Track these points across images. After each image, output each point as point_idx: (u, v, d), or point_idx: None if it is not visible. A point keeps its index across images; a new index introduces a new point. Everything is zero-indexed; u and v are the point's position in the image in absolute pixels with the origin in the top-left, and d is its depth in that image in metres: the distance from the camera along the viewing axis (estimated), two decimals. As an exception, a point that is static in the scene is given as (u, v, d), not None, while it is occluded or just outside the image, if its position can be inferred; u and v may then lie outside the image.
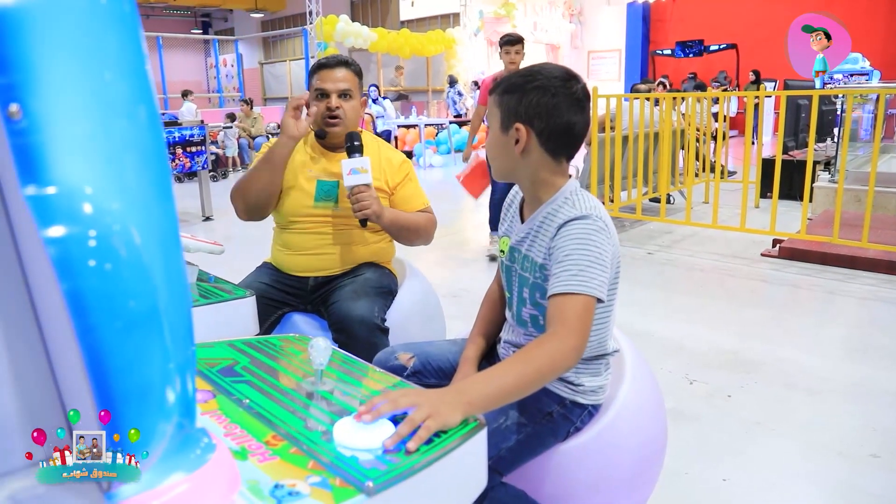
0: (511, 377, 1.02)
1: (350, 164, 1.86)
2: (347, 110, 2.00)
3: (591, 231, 1.16)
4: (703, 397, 2.44)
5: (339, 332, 1.83)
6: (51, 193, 0.47)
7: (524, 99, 1.21)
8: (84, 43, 0.51)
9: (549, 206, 1.24)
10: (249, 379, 1.09)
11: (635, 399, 1.35)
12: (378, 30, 12.75)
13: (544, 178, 1.25)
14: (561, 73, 1.22)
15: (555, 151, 1.23)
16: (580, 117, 1.23)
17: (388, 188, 2.06)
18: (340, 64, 2.01)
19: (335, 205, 2.01)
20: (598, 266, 1.13)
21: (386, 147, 2.15)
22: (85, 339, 0.46)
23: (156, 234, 0.54)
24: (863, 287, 3.74)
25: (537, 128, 1.21)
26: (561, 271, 1.14)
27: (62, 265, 0.46)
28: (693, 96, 5.75)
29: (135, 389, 0.51)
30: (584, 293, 1.11)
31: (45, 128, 0.47)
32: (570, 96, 1.20)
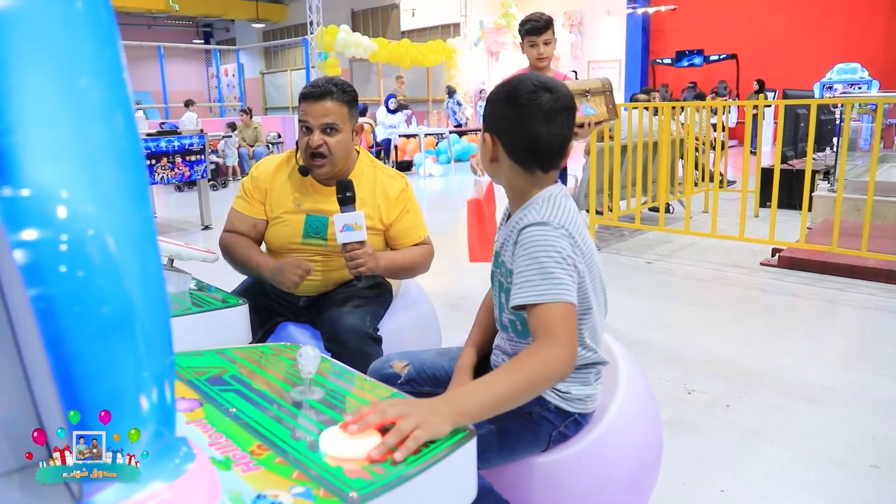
0: (503, 387, 1.01)
1: (343, 220, 1.75)
2: (333, 146, 1.85)
3: (552, 237, 1.14)
4: (701, 407, 2.42)
5: (332, 342, 1.81)
6: (23, 196, 0.46)
7: (494, 109, 1.22)
8: (60, 48, 0.50)
9: (521, 212, 1.24)
10: (237, 388, 1.08)
11: (629, 409, 1.33)
12: (379, 40, 12.80)
13: (519, 186, 1.26)
14: (532, 84, 1.19)
15: (523, 162, 1.22)
16: (546, 129, 1.18)
17: (383, 225, 1.98)
18: (325, 94, 1.84)
19: (325, 242, 1.93)
20: (562, 270, 1.12)
21: (383, 174, 2.02)
22: (52, 345, 0.45)
23: (131, 239, 0.53)
24: (862, 296, 3.73)
25: (503, 139, 1.21)
26: (524, 280, 1.12)
27: (30, 270, 0.45)
28: (692, 106, 5.75)
29: (104, 397, 0.50)
30: (557, 301, 1.09)
31: (18, 130, 0.46)
32: (537, 108, 1.18)
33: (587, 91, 2.76)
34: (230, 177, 10.33)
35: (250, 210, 2.00)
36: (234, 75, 19.20)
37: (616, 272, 4.34)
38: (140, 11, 19.21)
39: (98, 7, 0.53)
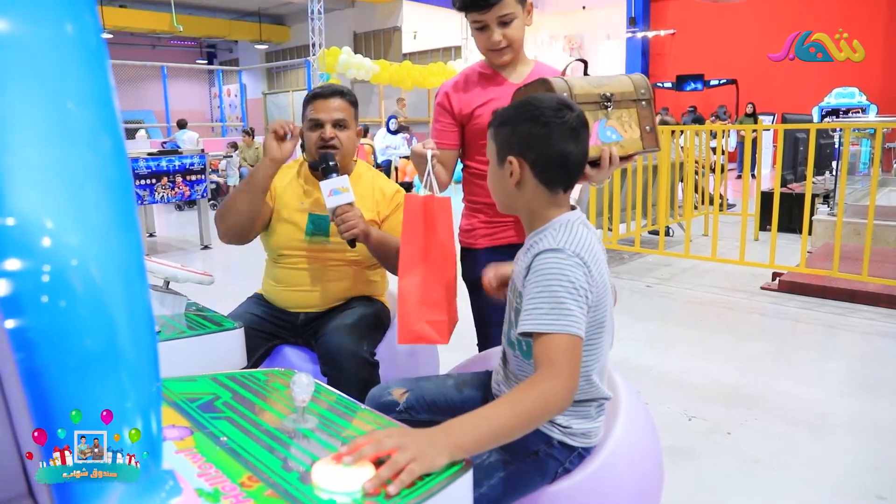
0: (502, 419, 0.99)
1: (329, 185, 1.79)
2: (343, 140, 1.95)
3: (566, 266, 1.12)
4: (702, 434, 2.39)
5: (328, 366, 1.80)
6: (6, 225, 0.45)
7: (516, 130, 1.19)
8: (47, 71, 0.50)
9: (537, 236, 1.22)
10: (230, 415, 1.06)
11: (629, 439, 1.31)
12: (380, 62, 12.89)
13: (539, 211, 1.23)
14: (553, 102, 1.20)
15: (550, 182, 1.21)
16: (574, 146, 1.19)
17: (379, 218, 2.02)
18: (335, 93, 1.97)
19: (327, 239, 1.97)
20: (573, 301, 1.09)
21: (380, 177, 2.13)
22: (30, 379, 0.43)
23: (117, 268, 0.52)
24: (864, 321, 3.71)
25: (529, 159, 1.18)
26: (533, 307, 1.10)
27: (8, 301, 0.43)
28: (691, 129, 5.77)
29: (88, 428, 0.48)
30: (564, 332, 1.07)
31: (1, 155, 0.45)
32: (563, 125, 1.18)
33: (607, 98, 1.58)
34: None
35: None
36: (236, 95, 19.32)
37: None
38: (145, 32, 19.37)
39: (87, 31, 0.53)
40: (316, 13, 12.49)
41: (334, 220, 1.82)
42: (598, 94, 1.57)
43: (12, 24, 0.47)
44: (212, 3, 16.69)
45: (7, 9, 0.47)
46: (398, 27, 16.60)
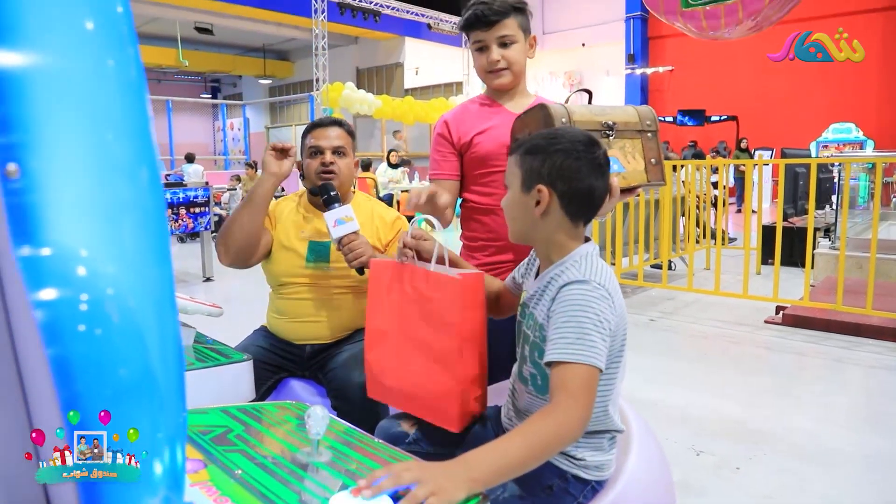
0: (517, 451, 0.98)
1: (334, 216, 1.81)
2: (342, 167, 1.99)
3: (592, 298, 1.13)
4: (710, 469, 2.36)
5: (338, 399, 1.79)
6: (44, 255, 0.46)
7: (548, 161, 1.19)
8: (88, 104, 0.51)
9: (558, 268, 1.22)
10: (243, 448, 1.05)
11: (642, 472, 1.30)
12: (382, 97, 13.06)
13: (560, 241, 1.24)
14: (584, 137, 1.22)
15: (574, 214, 1.22)
16: (601, 182, 1.22)
17: (381, 244, 2.04)
18: (334, 123, 2.04)
19: (328, 265, 1.98)
20: (597, 333, 1.10)
21: (379, 205, 2.15)
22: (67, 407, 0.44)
23: (152, 298, 0.53)
24: (869, 355, 3.69)
25: (559, 190, 1.19)
26: (558, 337, 1.11)
27: (50, 330, 0.44)
28: (693, 164, 5.82)
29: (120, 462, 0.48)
30: (585, 363, 1.07)
31: (42, 188, 0.46)
32: (593, 161, 1.20)
33: (609, 126, 1.54)
34: (233, 229, 10.39)
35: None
36: (239, 129, 19.54)
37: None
38: (151, 66, 19.67)
39: (129, 64, 0.54)
40: (320, 49, 12.69)
41: (341, 249, 1.83)
42: (600, 122, 1.54)
43: (57, 59, 0.49)
44: (217, 39, 16.97)
45: (52, 44, 0.49)
46: (400, 63, 16.85)
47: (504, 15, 1.73)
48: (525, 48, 1.81)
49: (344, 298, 2.01)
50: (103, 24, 0.52)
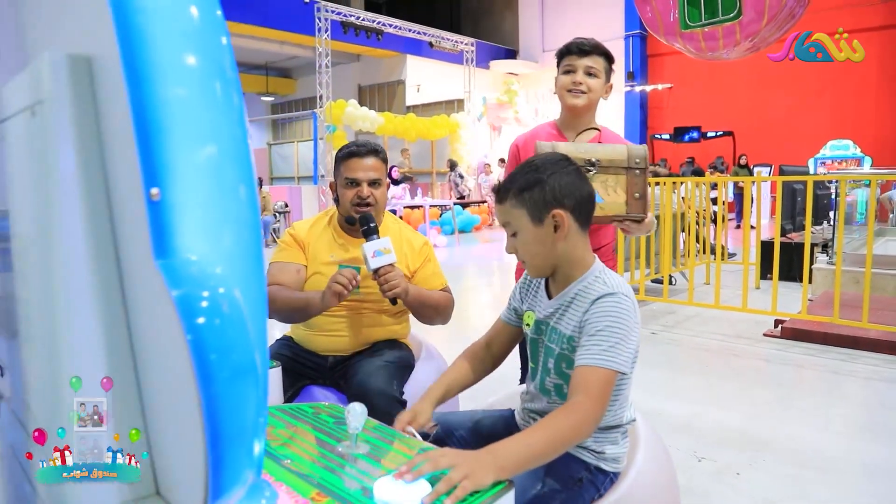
0: (540, 444, 1.10)
1: (373, 247, 1.88)
2: (378, 197, 2.06)
3: (623, 309, 1.25)
4: (711, 474, 2.45)
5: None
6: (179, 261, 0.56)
7: (548, 186, 1.28)
8: (207, 133, 0.62)
9: (581, 283, 1.32)
10: (287, 441, 1.15)
11: (650, 467, 1.40)
12: (385, 114, 13.24)
13: (579, 256, 1.34)
14: (556, 156, 1.36)
15: (584, 223, 1.34)
16: (590, 186, 1.36)
17: (410, 271, 2.11)
18: (371, 153, 2.07)
19: (357, 290, 2.02)
20: (627, 342, 1.22)
21: (407, 229, 2.22)
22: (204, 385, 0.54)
23: (251, 296, 0.63)
24: (867, 367, 3.79)
25: (569, 206, 1.29)
26: (592, 345, 1.22)
27: (186, 321, 0.54)
28: (692, 181, 5.95)
29: (234, 435, 0.58)
30: (609, 367, 1.19)
31: (175, 208, 0.57)
32: (577, 170, 1.34)
33: (591, 162, 1.76)
34: (237, 244, 10.52)
35: (293, 256, 2.11)
36: (242, 146, 19.65)
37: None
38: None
39: (232, 91, 0.65)
40: (324, 67, 12.88)
41: (377, 279, 1.91)
42: (583, 158, 1.76)
43: (182, 96, 0.60)
44: (221, 57, 17.18)
45: (178, 82, 0.60)
46: (402, 80, 17.05)
47: (596, 51, 2.08)
48: (603, 88, 2.12)
49: (371, 317, 2.10)
50: (211, 56, 0.63)
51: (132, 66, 0.56)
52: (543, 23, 18.41)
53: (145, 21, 0.58)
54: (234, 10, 13.57)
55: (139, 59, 0.57)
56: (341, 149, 2.13)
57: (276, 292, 2.02)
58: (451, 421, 1.53)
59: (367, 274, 1.98)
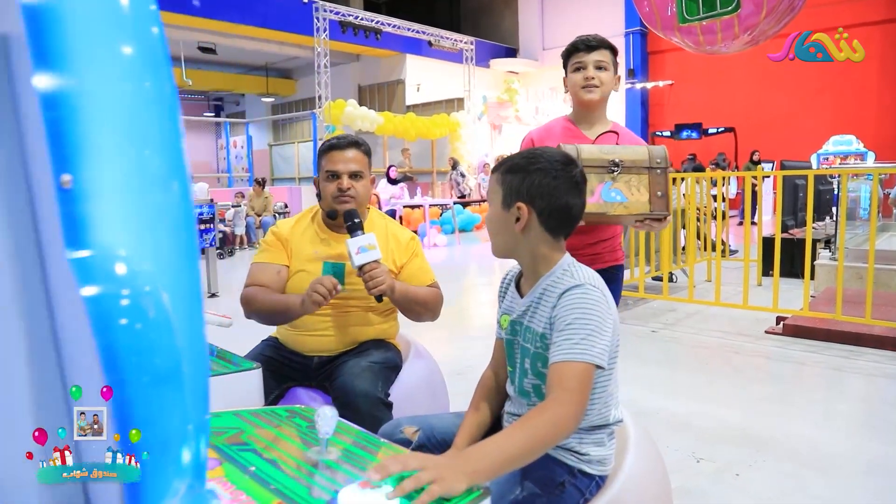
0: (516, 445, 1.04)
1: (357, 243, 1.86)
2: (359, 189, 2.02)
3: (591, 300, 1.20)
4: (710, 475, 2.40)
5: (343, 407, 1.83)
6: (91, 256, 0.51)
7: (527, 179, 1.27)
8: (129, 122, 0.57)
9: (549, 279, 1.29)
10: (255, 447, 1.10)
11: (640, 470, 1.34)
12: (384, 113, 13.19)
13: (543, 253, 1.31)
14: (561, 156, 1.30)
15: (554, 230, 1.29)
16: (577, 200, 1.30)
17: (396, 267, 2.07)
18: (351, 145, 2.04)
19: (342, 287, 1.99)
20: (600, 334, 1.17)
21: (393, 224, 2.19)
22: (117, 391, 0.49)
23: (182, 298, 0.58)
24: (869, 364, 3.72)
25: (538, 207, 1.27)
26: (563, 339, 1.17)
27: (98, 322, 0.49)
28: (692, 177, 5.89)
29: (154, 443, 0.53)
30: (584, 360, 1.14)
31: (90, 197, 0.52)
32: (570, 179, 1.28)
33: (615, 163, 1.80)
34: (237, 245, 10.52)
35: (274, 257, 2.06)
36: (242, 147, 19.69)
37: (621, 341, 4.31)
38: (154, 86, 19.85)
39: (163, 84, 0.60)
40: (322, 67, 12.84)
41: (362, 276, 1.88)
42: (608, 159, 1.82)
43: (101, 80, 0.55)
44: (220, 58, 17.15)
45: (96, 67, 0.55)
46: (402, 80, 17.00)
47: (602, 45, 2.11)
48: (613, 80, 2.14)
49: (357, 315, 2.05)
50: (141, 47, 0.58)
51: (39, 43, 0.51)
52: (543, 21, 18.34)
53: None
54: (234, 12, 13.55)
55: (48, 36, 0.52)
56: (323, 143, 2.10)
57: (255, 293, 1.98)
58: (435, 425, 1.48)
59: (352, 270, 1.95)
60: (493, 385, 1.47)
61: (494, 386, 1.47)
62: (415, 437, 1.44)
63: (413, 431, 1.45)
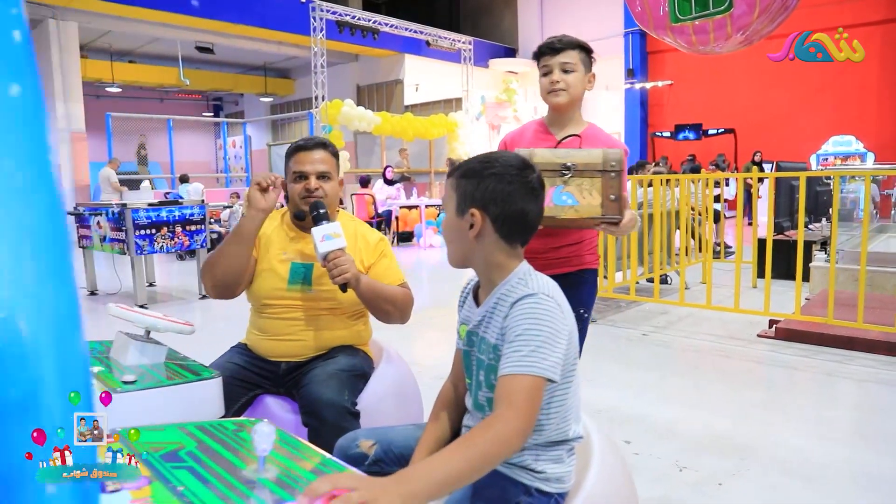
0: (456, 465, 0.99)
1: (322, 231, 1.83)
2: (327, 190, 1.99)
3: (544, 310, 1.14)
4: (692, 484, 2.34)
5: (309, 416, 1.79)
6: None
7: (481, 185, 1.22)
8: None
9: (503, 287, 1.23)
10: (191, 465, 1.05)
11: (603, 488, 1.29)
12: (382, 114, 13.12)
13: (498, 262, 1.26)
14: (518, 161, 1.25)
15: (508, 236, 1.24)
16: (534, 206, 1.25)
17: (364, 267, 2.03)
18: (318, 146, 2.02)
19: (309, 287, 1.98)
20: (552, 346, 1.11)
21: (362, 226, 2.15)
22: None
23: (49, 320, 0.53)
24: (861, 369, 3.67)
25: (492, 213, 1.22)
26: (512, 351, 1.12)
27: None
28: (686, 178, 5.83)
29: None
30: (532, 374, 1.08)
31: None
32: (526, 185, 1.23)
33: (566, 167, 1.80)
34: (232, 246, 10.49)
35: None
36: (241, 147, 19.66)
37: (611, 344, 4.30)
38: (153, 86, 19.86)
39: (29, 93, 0.55)
40: (319, 67, 12.79)
41: (326, 265, 1.84)
42: (560, 163, 1.82)
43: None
44: (218, 58, 17.11)
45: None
46: (400, 80, 16.95)
47: (569, 46, 2.07)
48: (584, 80, 2.09)
49: (324, 320, 2.01)
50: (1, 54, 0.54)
51: None
52: (543, 21, 18.27)
53: None
54: (231, 12, 13.51)
55: None
56: (290, 145, 2.06)
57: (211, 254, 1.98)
58: (394, 439, 1.42)
59: (320, 273, 1.92)
60: (453, 398, 1.42)
61: (454, 398, 1.42)
62: (371, 451, 1.39)
63: (370, 445, 1.40)
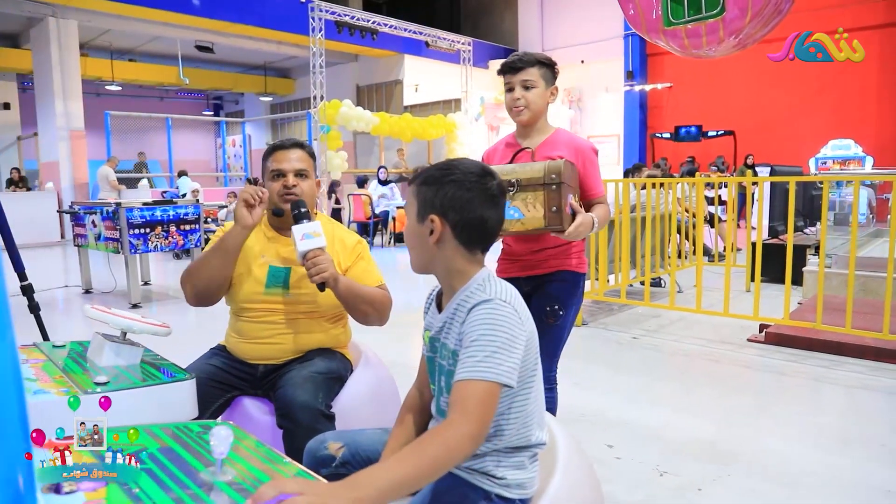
0: (405, 469, 0.99)
1: (302, 230, 1.84)
2: (305, 188, 2.01)
3: (500, 315, 1.15)
4: (671, 490, 2.34)
5: (284, 418, 1.79)
6: None
7: (440, 191, 1.23)
8: None
9: (463, 294, 1.24)
10: (150, 467, 1.06)
11: (567, 494, 1.29)
12: (380, 114, 13.12)
13: (459, 268, 1.26)
14: (477, 168, 1.26)
15: (468, 243, 1.25)
16: (493, 213, 1.26)
17: (341, 269, 2.03)
18: (296, 145, 2.05)
19: (287, 291, 1.98)
20: (508, 351, 1.11)
21: (340, 228, 2.16)
22: None
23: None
24: (850, 374, 3.67)
25: (451, 220, 1.23)
26: (467, 357, 1.12)
27: None
28: (681, 181, 5.83)
29: None
30: (486, 379, 1.08)
31: None
32: (485, 192, 1.24)
33: (511, 183, 1.91)
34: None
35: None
36: (240, 146, 19.67)
37: (601, 347, 4.30)
38: (153, 84, 19.86)
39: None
40: (318, 67, 12.79)
41: (305, 263, 1.85)
42: (506, 180, 1.88)
43: None
44: (218, 57, 17.11)
45: None
46: (400, 80, 16.95)
47: (529, 64, 2.13)
48: (545, 94, 2.17)
49: (301, 323, 2.01)
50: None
51: None
52: (543, 22, 18.27)
53: None
54: (231, 11, 13.52)
55: None
56: (267, 146, 2.08)
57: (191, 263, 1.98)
58: (361, 442, 1.43)
59: (299, 276, 1.93)
60: (418, 403, 1.42)
61: (419, 405, 1.42)
62: (339, 453, 1.39)
63: (337, 448, 1.40)
